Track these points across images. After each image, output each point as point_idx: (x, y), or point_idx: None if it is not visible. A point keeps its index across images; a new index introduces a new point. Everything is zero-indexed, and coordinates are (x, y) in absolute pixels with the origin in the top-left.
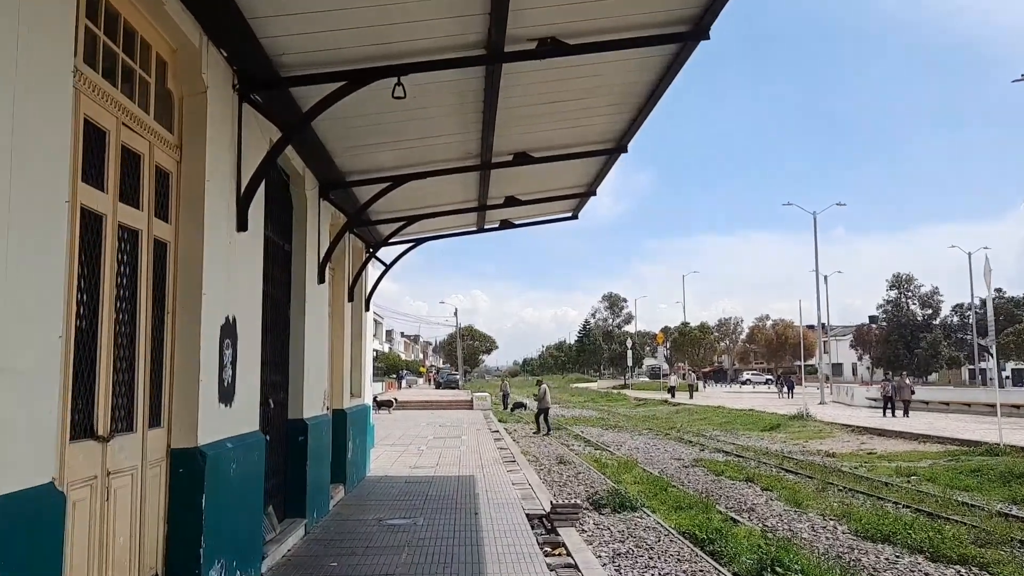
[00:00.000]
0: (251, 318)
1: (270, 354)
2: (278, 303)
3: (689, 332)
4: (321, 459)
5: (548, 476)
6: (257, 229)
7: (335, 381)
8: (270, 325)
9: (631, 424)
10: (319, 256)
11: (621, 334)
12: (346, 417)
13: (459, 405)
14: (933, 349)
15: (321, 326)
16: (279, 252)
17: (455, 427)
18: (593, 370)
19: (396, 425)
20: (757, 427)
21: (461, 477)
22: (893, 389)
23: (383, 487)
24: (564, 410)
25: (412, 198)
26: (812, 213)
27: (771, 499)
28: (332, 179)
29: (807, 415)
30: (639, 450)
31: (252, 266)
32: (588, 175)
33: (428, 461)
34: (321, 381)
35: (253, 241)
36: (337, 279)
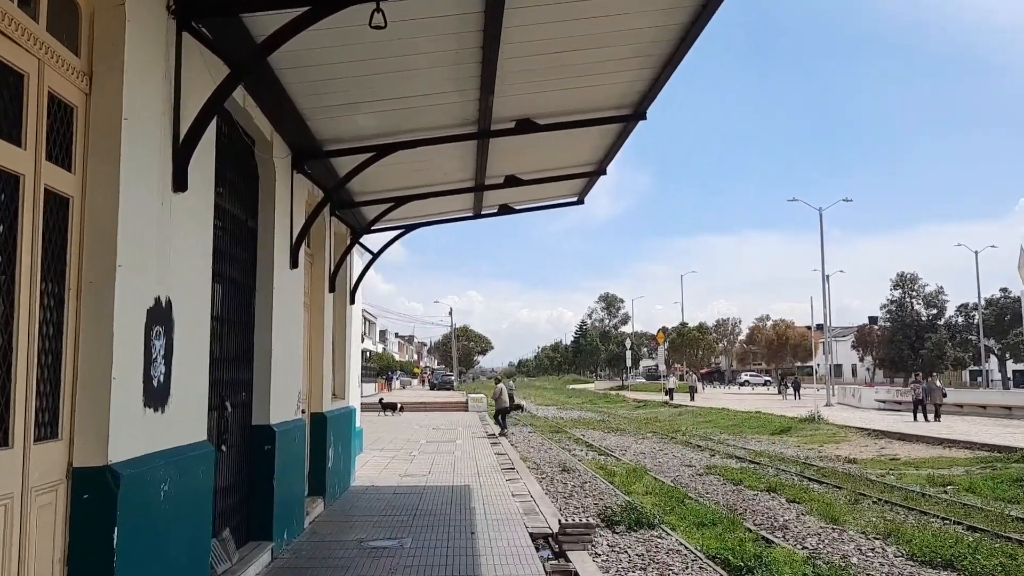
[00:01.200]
0: (196, 303)
1: (229, 348)
2: (241, 288)
3: (687, 332)
4: (293, 471)
5: (551, 486)
6: (203, 193)
7: (313, 381)
8: (229, 313)
9: (633, 427)
10: (292, 236)
11: (618, 335)
12: (326, 421)
13: (454, 407)
14: (938, 350)
15: (295, 318)
16: (241, 229)
17: (449, 430)
18: (589, 371)
19: (387, 428)
20: (766, 430)
21: (455, 487)
22: (923, 392)
23: (369, 499)
24: (563, 412)
25: (400, 175)
26: (818, 209)
27: (801, 513)
28: (306, 147)
29: (818, 418)
30: (646, 455)
31: (197, 238)
32: (598, 149)
33: (420, 468)
34: (295, 381)
35: (198, 207)
36: (316, 266)
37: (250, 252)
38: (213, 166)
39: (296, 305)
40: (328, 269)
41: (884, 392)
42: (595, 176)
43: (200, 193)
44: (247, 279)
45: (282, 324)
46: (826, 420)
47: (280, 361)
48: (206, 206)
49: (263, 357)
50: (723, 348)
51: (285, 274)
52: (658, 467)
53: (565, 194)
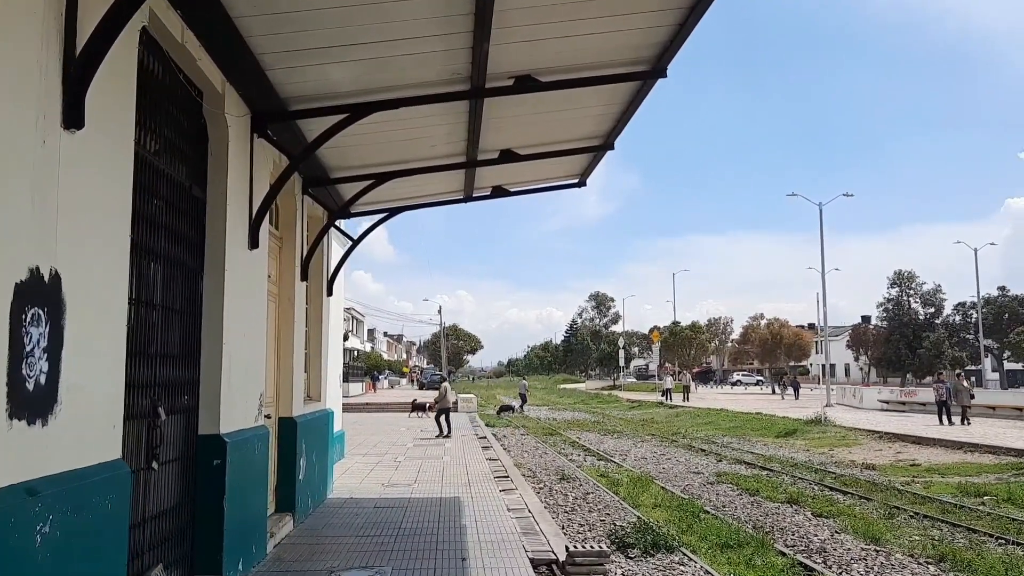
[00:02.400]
0: (103, 279)
1: (167, 342)
2: (184, 270)
3: (680, 332)
4: (252, 487)
5: (550, 498)
6: (115, 136)
7: (282, 382)
8: (167, 299)
9: (630, 429)
10: (251, 211)
11: (609, 334)
12: (296, 428)
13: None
14: (936, 349)
15: (255, 307)
16: (183, 197)
17: (438, 432)
18: (580, 371)
19: (372, 430)
20: (771, 432)
21: (444, 500)
22: (948, 392)
23: (346, 515)
24: (555, 413)
25: (381, 146)
26: (818, 204)
27: (836, 531)
28: (269, 107)
29: (825, 420)
30: (648, 461)
31: (104, 194)
32: (605, 119)
33: (405, 476)
34: (255, 382)
35: (105, 153)
36: (286, 251)
37: (197, 228)
38: (132, 104)
39: (256, 293)
40: (300, 255)
41: (887, 392)
42: (601, 151)
43: (110, 135)
44: (193, 259)
45: (237, 314)
46: (833, 422)
47: (235, 358)
48: (119, 153)
49: (212, 353)
50: (715, 348)
51: (242, 255)
52: (664, 474)
53: (565, 174)
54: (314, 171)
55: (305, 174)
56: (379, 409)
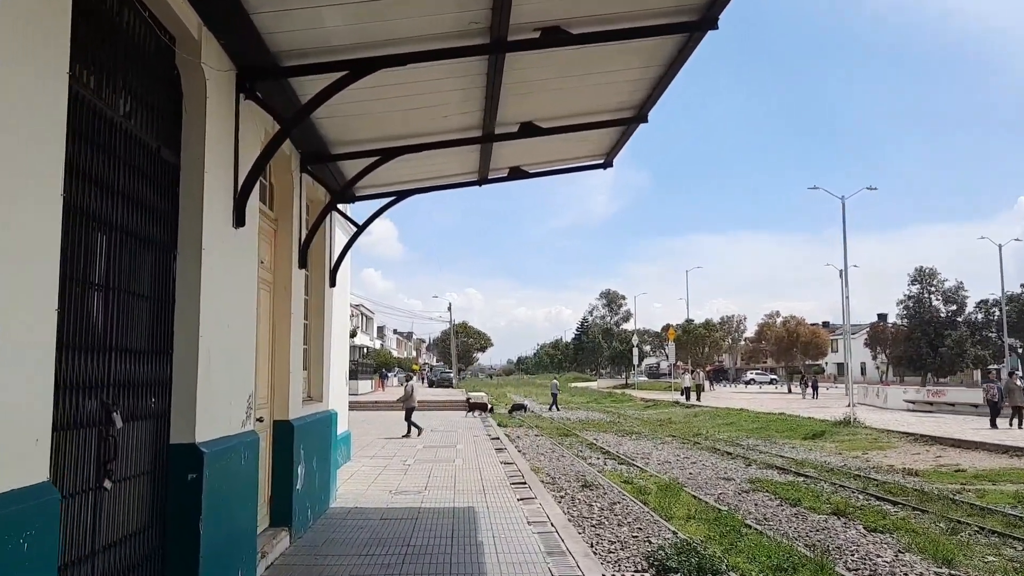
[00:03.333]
0: (17, 248)
1: (127, 333)
2: (150, 247)
3: (694, 330)
4: (237, 503)
5: (573, 508)
6: (41, 66)
7: (277, 381)
8: (125, 281)
9: (649, 429)
10: (236, 183)
11: (621, 332)
12: (293, 432)
13: (453, 406)
14: (959, 348)
15: (241, 295)
16: (150, 159)
17: (449, 432)
18: (591, 369)
19: (381, 430)
20: (797, 434)
21: (457, 510)
22: (999, 392)
23: (349, 529)
24: (568, 412)
25: (388, 117)
26: (840, 198)
27: (899, 551)
28: (256, 61)
29: (854, 421)
30: (672, 465)
31: (18, 135)
32: (642, 85)
33: (414, 482)
34: (241, 381)
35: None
36: (282, 235)
37: (168, 198)
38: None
39: (244, 278)
40: (298, 239)
41: (913, 392)
42: (633, 124)
43: (32, 61)
44: (163, 236)
45: (219, 302)
46: (862, 423)
47: (215, 353)
48: (45, 86)
49: (186, 347)
50: (728, 346)
51: (224, 233)
52: (692, 481)
53: (590, 154)
54: (313, 145)
55: (304, 149)
56: (388, 407)
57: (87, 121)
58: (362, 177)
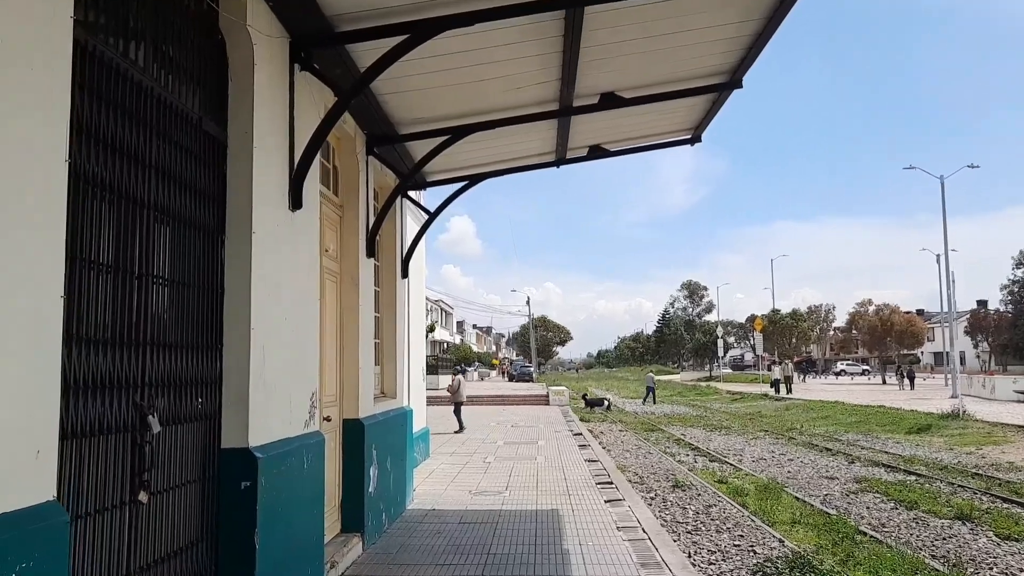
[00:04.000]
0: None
1: (163, 325)
2: (191, 228)
3: (780, 320)
4: (298, 511)
5: (665, 511)
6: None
7: (346, 377)
8: (159, 267)
9: (738, 424)
10: (291, 161)
11: (703, 323)
12: (363, 431)
13: (534, 400)
14: None
15: (301, 284)
16: (190, 131)
17: (530, 428)
18: (672, 361)
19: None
20: (900, 428)
21: (540, 513)
22: None
23: (426, 533)
24: (652, 406)
25: (456, 91)
26: (939, 177)
27: None
28: (310, 27)
29: (963, 414)
30: (768, 463)
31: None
32: (736, 45)
33: (495, 482)
34: (303, 378)
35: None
36: (348, 222)
37: (214, 176)
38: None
39: (303, 265)
40: (365, 227)
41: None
42: (726, 91)
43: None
44: (208, 217)
45: (274, 291)
46: (972, 416)
47: (271, 347)
48: (41, 31)
49: (237, 342)
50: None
51: (278, 216)
52: (792, 480)
53: (676, 128)
54: (379, 126)
55: (369, 130)
56: (469, 402)
57: (103, 79)
58: (431, 159)
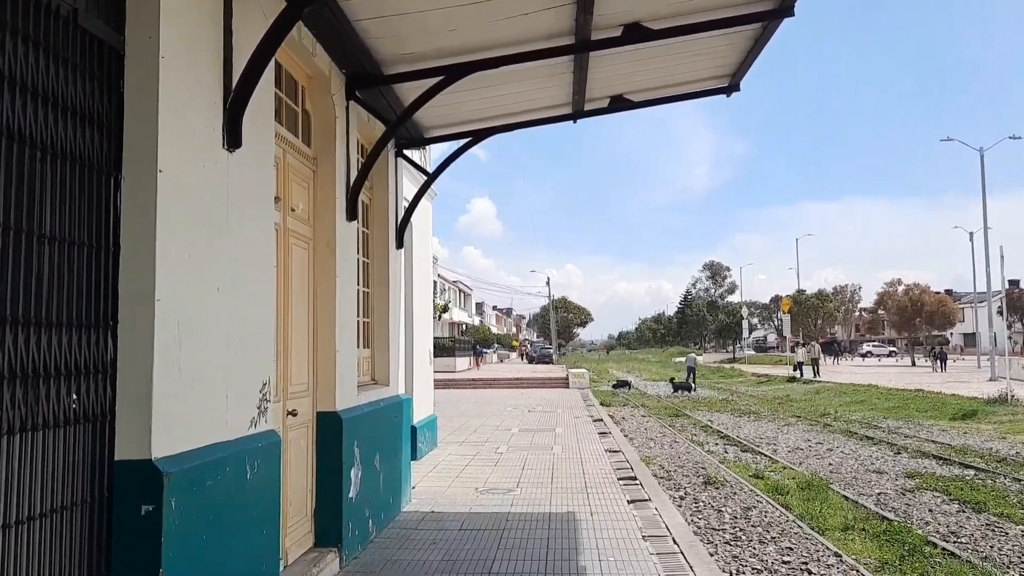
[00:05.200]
0: None
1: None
2: (69, 164)
3: (805, 300)
4: (235, 538)
5: (698, 514)
6: None
7: (320, 362)
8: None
9: (767, 409)
10: (226, 86)
11: (726, 304)
12: (341, 426)
13: (553, 383)
14: None
15: (247, 248)
16: (61, 29)
17: (548, 413)
18: (694, 343)
19: (475, 411)
20: (943, 414)
21: (554, 517)
22: None
23: (418, 545)
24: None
25: (450, 15)
26: (979, 149)
27: None
28: None
29: (1012, 398)
30: (805, 453)
31: None
32: None
33: (506, 476)
34: (249, 365)
35: None
36: (322, 178)
37: (103, 95)
38: None
39: (248, 223)
40: (345, 183)
41: None
42: (775, 19)
43: None
44: (90, 149)
45: (194, 252)
46: (1021, 401)
47: (190, 326)
48: None
49: (138, 317)
50: (841, 317)
51: (205, 155)
52: (836, 475)
53: (709, 75)
54: (358, 63)
55: (349, 69)
56: (486, 385)
57: None
58: (423, 103)
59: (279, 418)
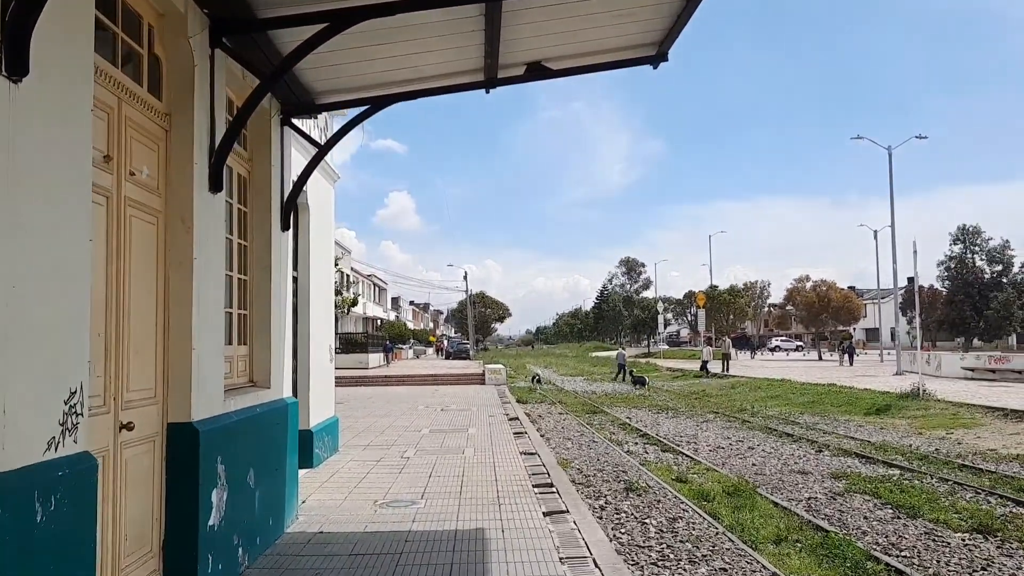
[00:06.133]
0: None
1: None
2: None
3: (718, 296)
4: None
5: (621, 527)
6: None
7: (172, 362)
8: None
9: (684, 404)
10: None
11: (641, 299)
12: (198, 441)
13: (469, 380)
14: (1006, 311)
15: (41, 211)
16: None
17: (462, 411)
18: (610, 338)
19: (384, 410)
20: (857, 409)
21: (460, 536)
22: None
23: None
24: (592, 385)
25: None
26: (887, 148)
27: None
28: None
29: (923, 393)
30: (726, 452)
31: None
32: None
33: (410, 486)
34: (45, 368)
35: None
36: (177, 140)
37: None
38: None
39: (40, 178)
40: (208, 147)
41: (972, 358)
42: None
43: None
44: None
45: None
46: (932, 396)
47: None
48: None
49: None
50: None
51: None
52: (760, 476)
53: (635, 41)
54: (225, 2)
55: (212, 11)
56: (399, 382)
57: None
58: (306, 52)
59: (108, 433)
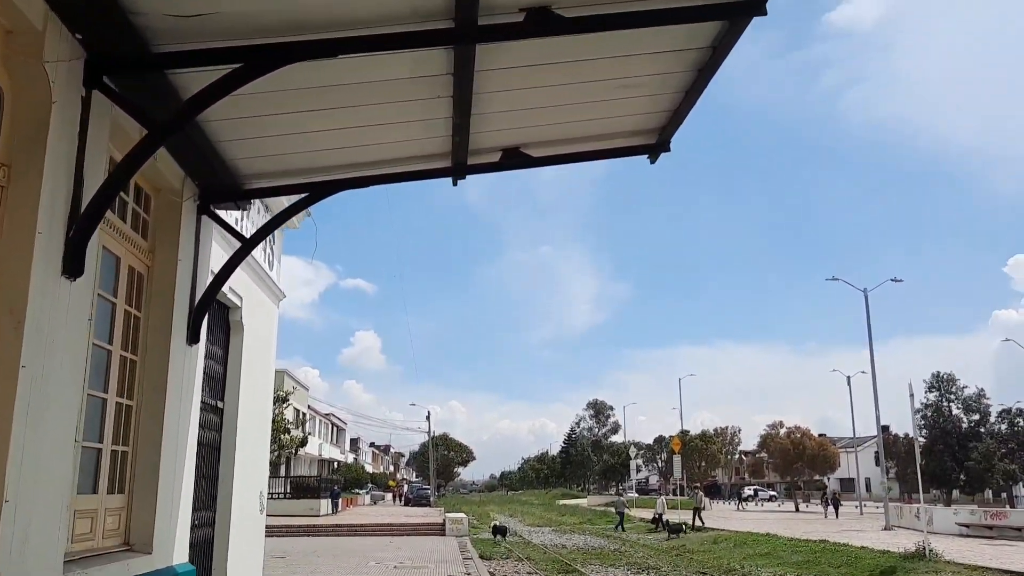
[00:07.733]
0: None
1: None
2: None
3: (690, 441)
4: None
5: None
6: None
7: None
8: None
9: (666, 563)
10: None
11: (610, 444)
12: None
13: (428, 530)
14: (987, 462)
15: None
16: None
17: (417, 569)
18: (577, 484)
19: (330, 566)
20: (859, 571)
21: None
22: None
23: None
24: (561, 537)
25: None
26: (863, 290)
27: None
28: None
29: (929, 553)
30: None
31: None
32: None
33: None
34: None
35: None
36: (20, 198)
37: None
38: None
39: None
40: (67, 211)
41: (967, 514)
42: (741, 18)
43: None
44: None
45: None
46: (940, 557)
47: None
48: None
49: None
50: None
51: None
52: None
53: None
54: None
55: (93, 39)
56: (351, 532)
57: None
58: (218, 98)
59: None
